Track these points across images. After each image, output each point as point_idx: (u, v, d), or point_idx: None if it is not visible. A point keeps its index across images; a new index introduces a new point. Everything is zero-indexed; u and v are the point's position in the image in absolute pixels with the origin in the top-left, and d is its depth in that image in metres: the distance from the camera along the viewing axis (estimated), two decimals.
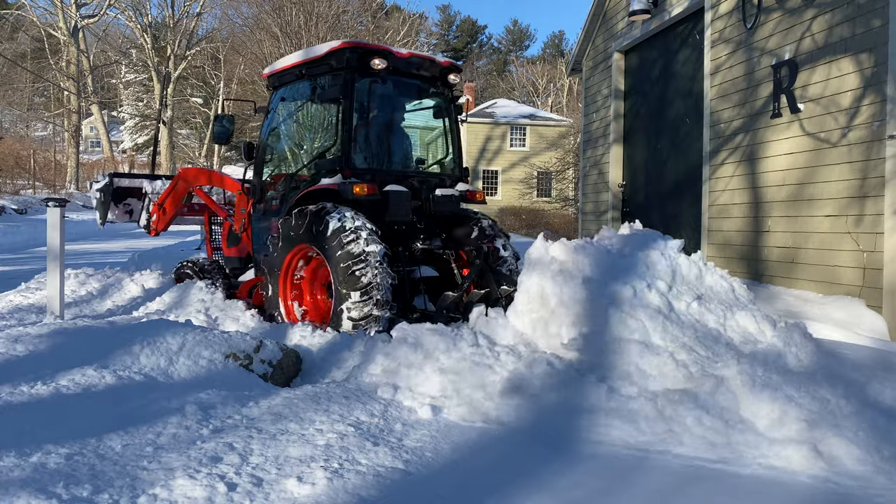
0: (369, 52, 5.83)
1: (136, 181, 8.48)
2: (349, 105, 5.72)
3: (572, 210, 27.00)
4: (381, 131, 6.42)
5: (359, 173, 5.74)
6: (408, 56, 6.12)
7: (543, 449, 3.21)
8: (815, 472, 2.96)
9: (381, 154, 6.38)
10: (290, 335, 5.18)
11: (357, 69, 5.79)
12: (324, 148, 6.14)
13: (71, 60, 37.60)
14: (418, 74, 6.33)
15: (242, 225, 6.78)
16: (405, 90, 6.53)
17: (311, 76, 6.17)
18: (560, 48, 73.92)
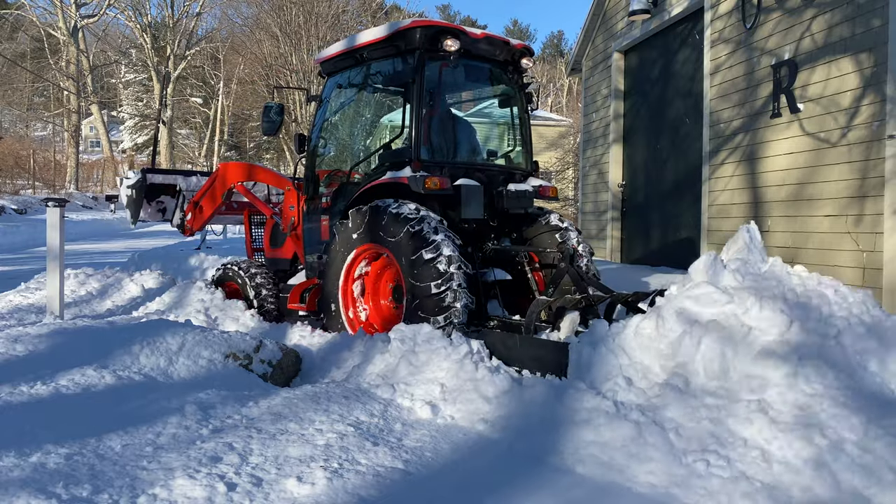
0: (441, 30, 5.30)
1: (170, 177, 7.94)
2: (419, 90, 5.22)
3: (572, 210, 26.98)
4: (450, 120, 5.95)
5: (428, 166, 5.27)
6: (482, 36, 5.57)
7: (543, 449, 3.21)
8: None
9: (451, 145, 5.86)
10: (290, 335, 5.18)
11: (428, 50, 5.27)
12: (389, 138, 5.62)
13: (70, 60, 37.60)
14: (491, 58, 5.80)
15: (292, 224, 6.23)
16: (477, 74, 6.04)
17: (374, 60, 5.65)
18: (560, 48, 73.85)
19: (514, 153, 6.14)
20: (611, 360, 3.62)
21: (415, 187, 5.05)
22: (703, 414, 3.18)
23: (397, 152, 5.40)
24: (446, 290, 4.65)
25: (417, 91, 5.23)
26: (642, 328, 3.68)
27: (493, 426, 3.44)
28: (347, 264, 5.30)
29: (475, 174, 5.53)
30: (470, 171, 5.54)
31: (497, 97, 6.22)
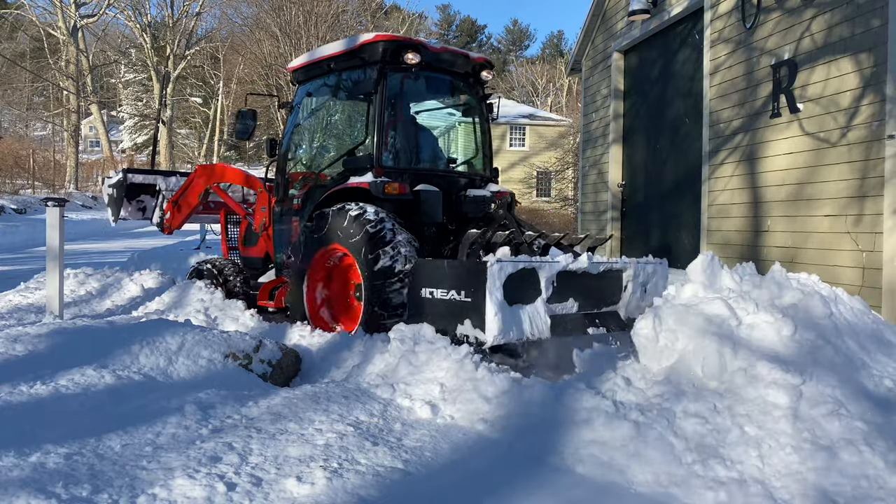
0: (402, 45, 5.65)
1: (151, 177, 8.19)
2: (380, 100, 5.55)
3: (571, 210, 26.98)
4: (412, 128, 6.30)
5: (389, 172, 5.60)
6: (441, 50, 5.95)
7: (543, 449, 3.21)
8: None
9: (412, 152, 6.22)
10: (290, 335, 5.18)
11: (390, 63, 5.62)
12: (353, 145, 5.95)
13: (70, 60, 37.59)
14: (451, 70, 6.13)
15: (263, 224, 6.58)
16: (437, 86, 6.36)
17: (341, 70, 6.00)
18: (559, 48, 73.90)
19: (473, 160, 6.46)
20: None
21: (375, 192, 5.37)
22: (703, 414, 3.18)
23: (360, 158, 5.68)
24: (401, 288, 4.93)
25: (379, 101, 5.55)
26: (641, 328, 3.68)
27: (492, 426, 3.44)
28: (312, 263, 5.58)
29: (435, 180, 5.84)
30: (430, 177, 5.86)
31: (458, 107, 6.55)
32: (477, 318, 4.23)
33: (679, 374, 3.42)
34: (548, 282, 4.51)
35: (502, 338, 4.21)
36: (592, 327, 4.83)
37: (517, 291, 4.38)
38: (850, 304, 3.84)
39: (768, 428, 3.03)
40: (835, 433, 2.97)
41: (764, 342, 3.42)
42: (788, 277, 3.86)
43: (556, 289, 4.61)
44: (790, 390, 3.14)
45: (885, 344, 3.67)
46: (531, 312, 4.44)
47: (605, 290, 5.04)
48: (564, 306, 4.74)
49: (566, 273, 4.66)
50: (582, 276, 4.79)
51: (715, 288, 3.77)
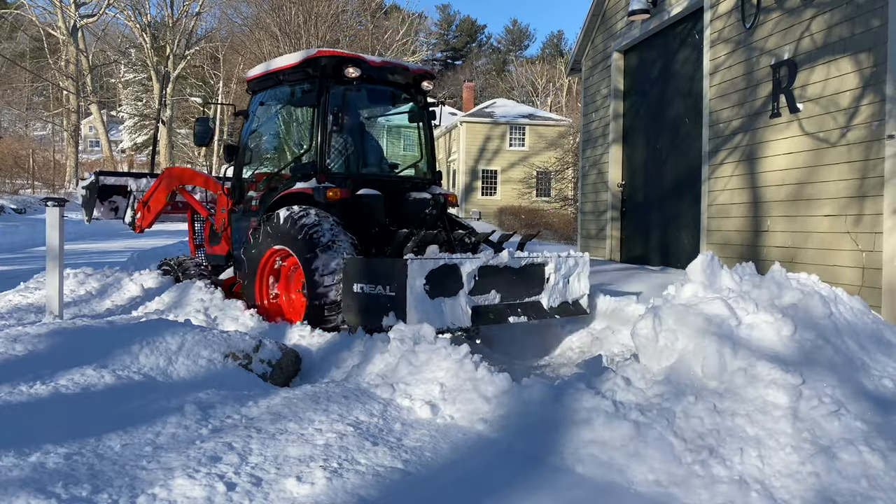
0: (343, 60, 6.03)
1: (122, 179, 8.60)
2: (323, 111, 5.94)
3: (571, 210, 26.98)
4: (355, 137, 6.67)
5: (333, 177, 5.98)
6: (381, 64, 6.34)
7: (543, 449, 3.21)
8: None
9: (354, 159, 6.62)
10: (290, 335, 5.18)
11: (331, 77, 6.00)
12: (299, 152, 6.44)
13: (70, 60, 37.59)
14: (392, 81, 6.52)
15: (223, 224, 7.01)
16: (379, 97, 6.78)
17: (289, 82, 6.38)
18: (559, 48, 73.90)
19: (417, 164, 6.87)
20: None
21: (318, 197, 5.75)
22: (702, 414, 3.18)
23: (305, 165, 6.11)
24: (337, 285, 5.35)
25: (322, 111, 5.94)
26: (641, 328, 3.68)
27: (492, 426, 3.44)
28: (262, 262, 6.02)
29: (377, 184, 6.24)
30: (373, 182, 6.26)
31: (401, 115, 6.96)
32: (399, 310, 4.70)
33: (679, 374, 3.42)
34: (469, 276, 5.03)
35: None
36: (514, 316, 5.37)
37: (439, 285, 4.86)
38: (849, 304, 3.84)
39: (768, 428, 3.03)
40: (834, 433, 2.97)
41: (764, 342, 3.42)
42: (788, 277, 3.86)
43: (479, 282, 5.13)
44: (790, 390, 3.14)
45: (884, 344, 3.67)
46: (452, 304, 4.96)
47: (527, 282, 5.52)
48: (487, 297, 5.25)
49: (488, 268, 5.20)
50: (504, 270, 5.33)
51: (715, 288, 3.77)
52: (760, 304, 3.59)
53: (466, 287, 5.03)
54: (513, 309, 5.39)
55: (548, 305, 5.62)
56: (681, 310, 3.60)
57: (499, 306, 5.33)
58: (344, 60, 6.01)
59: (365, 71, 6.12)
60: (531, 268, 5.55)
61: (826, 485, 2.77)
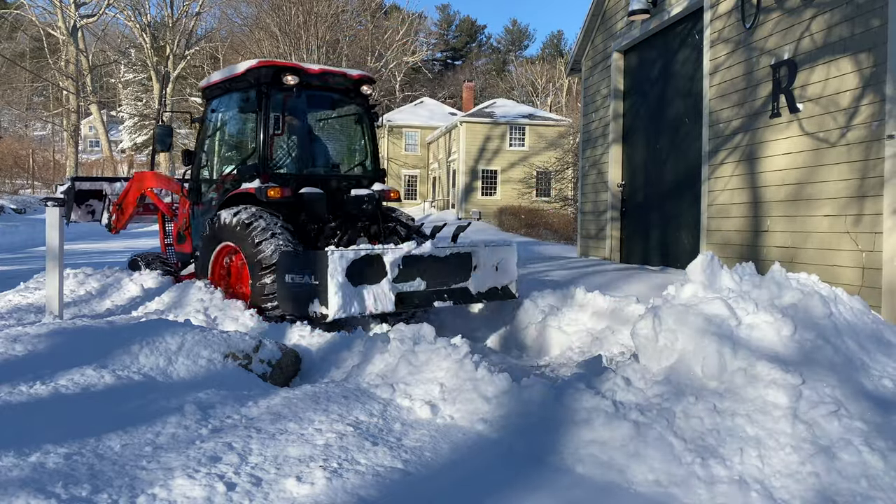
0: (282, 69, 6.50)
1: (97, 184, 9.18)
2: (265, 117, 6.41)
3: (571, 210, 26.98)
4: (298, 139, 7.14)
5: (276, 177, 6.43)
6: (319, 71, 6.78)
7: (543, 449, 3.21)
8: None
9: (297, 160, 7.08)
10: (289, 335, 5.18)
11: (271, 84, 6.45)
12: (246, 155, 6.96)
13: (70, 60, 37.58)
14: (331, 87, 6.95)
15: (184, 223, 7.52)
16: (320, 101, 7.24)
17: (235, 90, 6.90)
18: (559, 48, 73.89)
19: (359, 163, 7.35)
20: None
21: (260, 196, 6.20)
22: (702, 414, 3.18)
23: (251, 167, 6.55)
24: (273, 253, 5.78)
25: (264, 117, 6.42)
26: (640, 328, 3.68)
27: (492, 426, 3.44)
28: (213, 258, 6.50)
29: (320, 183, 6.66)
30: (317, 181, 6.68)
31: (343, 117, 7.48)
32: (322, 297, 5.16)
33: (679, 374, 3.42)
34: (393, 265, 5.47)
35: (343, 313, 5.12)
36: (439, 301, 5.83)
37: (363, 274, 5.33)
38: (849, 304, 3.84)
39: (768, 428, 3.03)
40: (834, 433, 2.97)
41: (764, 342, 3.42)
42: (788, 277, 3.86)
43: (403, 271, 5.58)
44: (790, 390, 3.14)
45: (884, 344, 3.67)
46: (376, 291, 5.42)
47: (454, 270, 5.99)
48: (412, 284, 5.70)
49: (413, 257, 5.62)
50: (429, 259, 5.79)
51: (715, 288, 3.77)
52: (760, 304, 3.59)
53: (390, 275, 5.47)
54: (439, 294, 5.84)
55: (475, 291, 6.07)
56: (681, 310, 3.59)
57: (424, 292, 5.77)
58: (283, 69, 6.50)
59: (303, 78, 6.60)
60: (457, 257, 6.01)
61: (826, 485, 2.77)
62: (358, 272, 5.29)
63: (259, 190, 6.23)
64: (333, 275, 5.12)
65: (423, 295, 5.77)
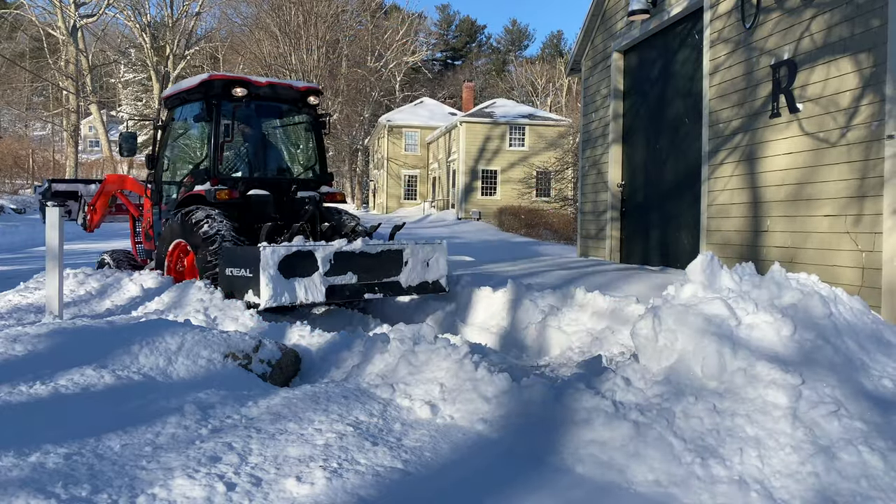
0: (231, 82, 7.17)
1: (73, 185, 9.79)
2: (216, 125, 7.08)
3: (571, 210, 26.98)
4: (247, 146, 7.83)
5: (226, 181, 7.09)
6: (266, 84, 7.48)
7: (543, 449, 3.21)
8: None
9: (247, 164, 7.77)
10: (289, 335, 5.18)
11: (222, 96, 7.11)
12: (199, 160, 7.58)
13: (70, 60, 37.56)
14: (279, 98, 7.64)
15: (149, 222, 8.20)
16: (268, 111, 7.92)
17: (190, 101, 7.57)
18: (559, 48, 73.90)
19: (307, 168, 8.06)
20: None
21: (209, 198, 6.84)
22: (702, 414, 3.18)
23: (203, 171, 7.23)
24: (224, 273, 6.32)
25: (215, 126, 7.07)
26: (640, 328, 3.68)
27: (492, 426, 3.44)
28: (168, 254, 7.19)
29: (268, 186, 7.36)
30: (264, 184, 7.37)
31: (292, 125, 8.20)
32: (256, 288, 5.81)
33: (679, 374, 3.42)
34: (324, 260, 6.12)
35: (274, 302, 5.75)
36: (370, 293, 6.49)
37: (295, 268, 5.97)
38: (849, 305, 3.84)
39: (768, 428, 3.03)
40: (834, 433, 2.97)
41: (763, 342, 3.42)
42: (788, 277, 3.85)
43: (335, 265, 6.19)
44: (790, 390, 3.14)
45: (884, 344, 3.67)
46: (307, 283, 6.03)
47: (385, 265, 6.60)
48: (343, 278, 6.29)
49: (344, 253, 6.26)
50: (361, 255, 6.41)
51: (714, 288, 3.77)
52: (760, 304, 3.59)
53: (322, 269, 6.11)
54: (370, 287, 6.49)
55: (406, 284, 6.71)
56: (680, 310, 3.59)
57: (355, 285, 6.39)
58: (232, 82, 7.17)
59: (252, 90, 7.27)
60: (389, 253, 6.62)
61: (826, 485, 2.77)
62: (290, 266, 5.92)
63: (209, 192, 6.87)
64: (265, 268, 5.78)
65: (354, 287, 6.37)
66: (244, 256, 6.04)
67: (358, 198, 55.30)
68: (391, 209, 45.99)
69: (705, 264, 3.86)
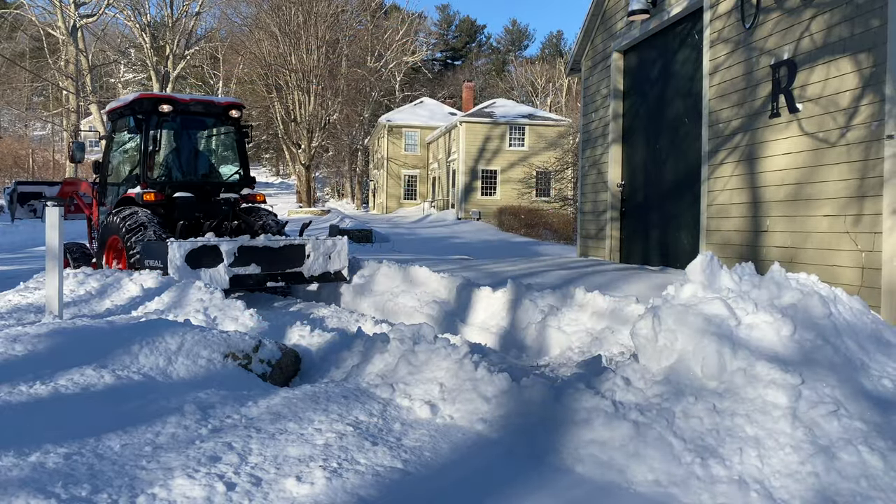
0: (158, 100, 8.41)
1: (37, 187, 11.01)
2: (145, 137, 8.38)
3: (571, 210, 26.99)
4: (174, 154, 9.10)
5: (154, 184, 8.31)
6: (190, 101, 8.81)
7: (542, 449, 3.21)
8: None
9: (174, 170, 8.97)
10: (289, 335, 5.18)
11: (151, 112, 8.38)
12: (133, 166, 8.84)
13: (70, 60, 37.55)
14: (203, 112, 8.94)
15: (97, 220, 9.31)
16: (193, 124, 9.17)
17: (126, 115, 8.81)
18: (559, 48, 73.92)
19: (230, 172, 9.38)
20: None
21: (138, 200, 8.13)
22: (702, 414, 3.18)
23: (135, 176, 8.56)
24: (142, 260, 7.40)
25: (144, 137, 8.40)
26: (640, 328, 3.68)
27: (492, 426, 3.44)
28: (106, 247, 8.41)
29: (193, 189, 8.57)
30: (189, 187, 8.59)
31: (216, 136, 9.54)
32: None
33: (678, 374, 3.42)
34: (228, 253, 7.23)
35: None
36: (272, 282, 7.58)
37: (201, 260, 7.08)
38: (849, 305, 3.84)
39: (767, 428, 3.03)
40: (834, 433, 2.97)
41: (763, 342, 3.42)
42: (787, 277, 3.85)
43: (239, 258, 7.29)
44: (789, 390, 3.14)
45: (884, 344, 3.67)
46: (213, 273, 7.11)
47: (288, 258, 7.69)
48: (247, 269, 7.36)
49: (248, 247, 7.39)
50: (264, 249, 7.54)
51: (714, 288, 3.77)
52: (760, 304, 3.59)
53: (227, 261, 7.20)
54: (272, 277, 7.58)
55: (308, 275, 7.81)
56: (680, 310, 3.60)
57: (259, 275, 7.47)
58: (160, 100, 8.40)
59: (177, 106, 8.49)
60: (291, 247, 7.72)
61: (825, 485, 2.77)
62: (197, 258, 7.04)
63: (138, 195, 8.14)
64: (173, 260, 6.92)
65: (258, 277, 7.46)
66: (157, 250, 7.18)
67: (358, 198, 55.31)
68: (391, 209, 46.00)
69: (705, 264, 3.86)
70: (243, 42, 45.91)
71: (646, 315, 3.72)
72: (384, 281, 7.99)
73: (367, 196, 55.24)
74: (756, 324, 3.49)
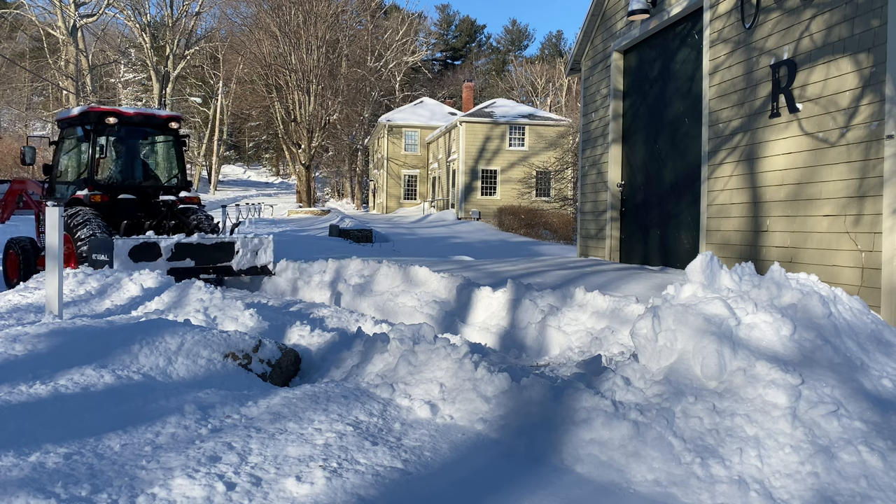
0: (104, 113, 9.52)
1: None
2: (92, 146, 9.46)
3: (571, 210, 26.99)
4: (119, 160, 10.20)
5: (100, 187, 9.40)
6: (134, 114, 9.97)
7: (542, 449, 3.21)
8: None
9: (117, 174, 10.08)
10: (289, 335, 5.18)
11: (97, 123, 9.46)
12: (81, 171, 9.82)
13: (70, 59, 37.56)
14: (145, 124, 10.15)
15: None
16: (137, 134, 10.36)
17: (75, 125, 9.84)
18: (558, 48, 73.95)
19: (170, 177, 10.57)
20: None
21: (85, 200, 9.21)
22: (701, 413, 3.18)
23: (83, 179, 9.54)
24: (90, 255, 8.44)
25: (91, 146, 9.47)
26: (640, 328, 3.68)
27: (491, 426, 3.44)
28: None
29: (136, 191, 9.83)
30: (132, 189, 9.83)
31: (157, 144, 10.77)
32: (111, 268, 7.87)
33: (678, 373, 3.42)
34: (167, 249, 8.46)
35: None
36: (205, 273, 8.73)
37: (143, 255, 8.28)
38: (849, 305, 3.84)
39: (767, 428, 3.04)
40: (834, 433, 2.97)
41: (763, 342, 3.42)
42: (787, 277, 3.86)
43: (176, 253, 8.54)
44: (789, 390, 3.14)
45: (883, 344, 3.67)
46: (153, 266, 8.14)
47: (219, 253, 8.94)
48: (183, 263, 8.59)
49: (183, 244, 8.61)
50: (198, 245, 8.75)
51: (714, 288, 3.77)
52: (760, 304, 3.59)
53: (164, 256, 8.41)
54: (205, 270, 8.76)
55: (237, 268, 9.06)
56: (680, 310, 3.60)
57: (193, 268, 8.63)
58: (106, 114, 9.51)
59: (122, 118, 9.66)
60: (222, 244, 8.94)
61: (825, 484, 2.77)
62: (139, 253, 8.23)
63: (85, 196, 9.20)
64: (118, 255, 8.04)
65: (192, 269, 8.59)
66: (104, 245, 8.22)
67: (358, 198, 55.31)
68: (391, 209, 46.00)
69: (705, 264, 3.86)
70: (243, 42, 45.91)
71: (646, 315, 3.72)
72: (384, 281, 7.99)
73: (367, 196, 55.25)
74: (756, 324, 3.49)
